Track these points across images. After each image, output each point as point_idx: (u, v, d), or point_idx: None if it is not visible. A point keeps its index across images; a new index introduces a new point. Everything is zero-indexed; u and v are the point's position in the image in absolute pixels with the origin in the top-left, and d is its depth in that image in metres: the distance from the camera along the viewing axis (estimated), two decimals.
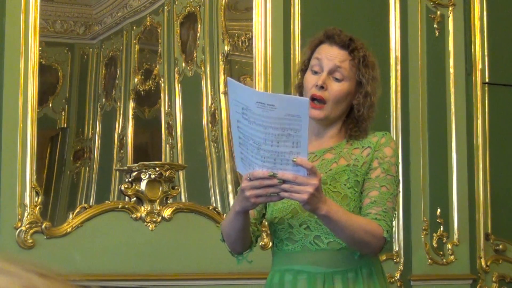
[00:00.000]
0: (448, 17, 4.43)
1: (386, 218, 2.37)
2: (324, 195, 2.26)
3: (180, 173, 3.84)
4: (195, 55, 4.01)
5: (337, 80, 2.42)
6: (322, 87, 2.40)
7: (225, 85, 3.97)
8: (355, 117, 2.47)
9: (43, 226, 3.47)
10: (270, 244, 3.58)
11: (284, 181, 2.17)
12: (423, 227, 4.25)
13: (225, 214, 3.84)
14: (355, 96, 2.45)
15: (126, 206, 3.64)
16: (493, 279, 4.41)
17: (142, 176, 3.67)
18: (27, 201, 3.45)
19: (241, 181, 2.25)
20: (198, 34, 4.01)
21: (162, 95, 3.99)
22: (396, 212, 2.46)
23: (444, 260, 4.29)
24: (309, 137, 2.43)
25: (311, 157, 2.44)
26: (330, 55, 2.43)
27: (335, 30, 2.47)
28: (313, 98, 2.40)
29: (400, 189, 4.18)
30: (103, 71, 3.96)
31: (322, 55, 2.44)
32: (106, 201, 3.66)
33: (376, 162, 2.43)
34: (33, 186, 3.46)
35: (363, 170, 2.42)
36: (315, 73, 2.44)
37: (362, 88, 2.44)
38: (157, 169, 3.67)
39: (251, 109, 2.11)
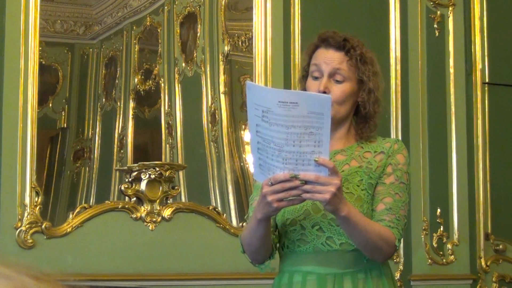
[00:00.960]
0: (448, 17, 4.43)
1: (399, 226, 2.39)
2: (344, 197, 2.26)
3: (180, 173, 3.84)
4: (195, 55, 4.01)
5: (338, 82, 2.42)
6: (324, 92, 2.40)
7: (226, 87, 3.97)
8: (362, 115, 2.47)
9: (43, 226, 3.47)
10: None
11: (306, 182, 2.17)
12: (423, 227, 4.25)
13: (225, 214, 3.84)
14: (358, 94, 2.45)
15: (126, 206, 3.64)
16: (493, 279, 4.41)
17: (142, 176, 3.67)
18: (27, 201, 3.45)
19: (262, 187, 2.23)
20: (198, 34, 4.01)
21: (162, 95, 3.99)
22: (406, 221, 2.46)
23: (444, 260, 4.29)
24: None
25: None
26: (327, 59, 2.43)
27: (329, 32, 2.47)
28: None
29: None
30: (103, 71, 3.96)
31: (319, 60, 2.44)
32: (106, 201, 3.66)
33: (390, 168, 2.43)
34: (33, 186, 3.46)
35: (377, 174, 2.42)
36: (316, 78, 2.44)
37: (365, 86, 2.44)
38: (157, 169, 3.67)
39: (273, 110, 2.10)
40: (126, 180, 3.69)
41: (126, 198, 3.68)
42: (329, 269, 2.39)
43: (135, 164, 3.71)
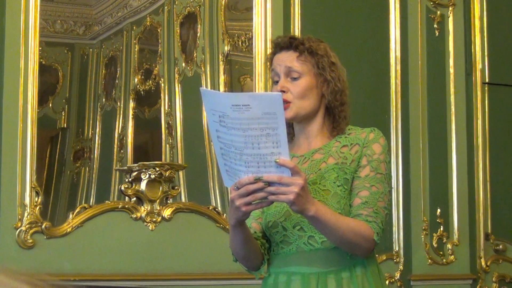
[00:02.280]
0: (448, 17, 4.43)
1: (377, 219, 2.36)
2: (312, 196, 2.25)
3: (180, 173, 3.85)
4: (195, 55, 4.02)
5: (294, 79, 2.43)
6: (283, 91, 2.40)
7: (226, 87, 3.97)
8: (329, 108, 2.47)
9: (43, 226, 3.47)
10: None
11: (270, 184, 2.16)
12: (423, 227, 4.25)
13: (225, 214, 3.84)
14: (320, 87, 2.45)
15: (126, 206, 3.64)
16: (493, 279, 4.42)
17: (142, 176, 3.67)
18: (27, 201, 3.45)
19: (230, 193, 2.24)
20: (198, 34, 4.02)
21: (162, 95, 3.99)
22: (387, 212, 2.43)
23: (444, 260, 4.29)
24: (298, 139, 2.45)
25: (300, 160, 2.44)
26: (280, 60, 2.46)
27: (280, 37, 2.51)
28: None
29: (400, 189, 4.19)
30: (103, 71, 3.96)
31: (274, 64, 2.48)
32: (106, 201, 3.66)
33: (364, 160, 2.41)
34: (33, 186, 3.46)
35: (352, 168, 2.40)
36: (276, 82, 2.46)
37: (322, 77, 2.44)
38: (157, 169, 3.67)
39: (228, 114, 2.10)
40: (126, 180, 3.69)
41: (126, 198, 3.68)
42: (312, 268, 2.38)
43: (135, 164, 3.71)
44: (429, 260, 4.25)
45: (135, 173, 3.67)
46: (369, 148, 2.42)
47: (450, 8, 4.44)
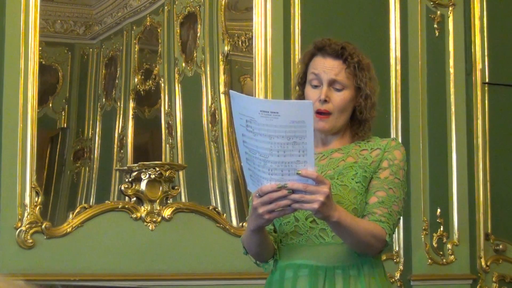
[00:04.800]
0: (448, 17, 4.43)
1: (390, 221, 2.39)
2: (334, 202, 2.26)
3: (180, 173, 3.84)
4: (195, 55, 4.01)
5: (337, 90, 2.46)
6: (325, 101, 2.42)
7: (226, 87, 3.97)
8: (358, 119, 2.50)
9: (43, 226, 3.47)
10: None
11: (294, 191, 2.15)
12: (423, 227, 4.25)
13: (225, 214, 3.84)
14: (356, 100, 2.47)
15: (126, 206, 3.64)
16: (493, 279, 4.42)
17: (142, 176, 3.67)
18: (27, 201, 3.45)
19: (252, 199, 2.24)
20: (198, 34, 4.01)
21: (162, 95, 3.99)
22: (399, 218, 2.45)
23: (444, 260, 4.29)
24: (316, 146, 2.45)
25: (319, 156, 2.46)
26: (326, 68, 2.46)
27: (325, 40, 2.49)
28: (319, 112, 2.43)
29: None
30: (103, 71, 3.96)
31: (318, 69, 2.47)
32: (106, 201, 3.66)
33: (385, 163, 2.44)
34: (33, 186, 3.46)
35: (372, 168, 2.43)
36: (315, 87, 2.46)
37: (362, 92, 2.46)
38: (157, 169, 3.67)
39: (256, 120, 2.08)
40: (126, 180, 3.69)
41: (126, 198, 3.68)
42: (320, 262, 2.39)
43: (135, 164, 3.71)
44: (429, 260, 4.25)
45: (135, 173, 3.67)
46: (391, 153, 2.46)
47: (450, 8, 4.43)
